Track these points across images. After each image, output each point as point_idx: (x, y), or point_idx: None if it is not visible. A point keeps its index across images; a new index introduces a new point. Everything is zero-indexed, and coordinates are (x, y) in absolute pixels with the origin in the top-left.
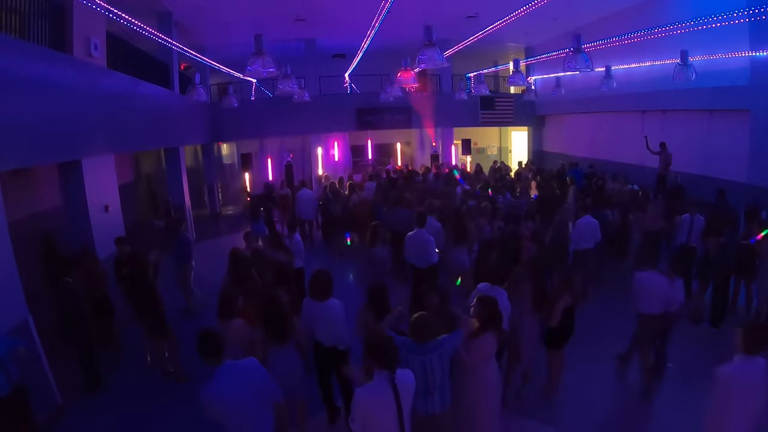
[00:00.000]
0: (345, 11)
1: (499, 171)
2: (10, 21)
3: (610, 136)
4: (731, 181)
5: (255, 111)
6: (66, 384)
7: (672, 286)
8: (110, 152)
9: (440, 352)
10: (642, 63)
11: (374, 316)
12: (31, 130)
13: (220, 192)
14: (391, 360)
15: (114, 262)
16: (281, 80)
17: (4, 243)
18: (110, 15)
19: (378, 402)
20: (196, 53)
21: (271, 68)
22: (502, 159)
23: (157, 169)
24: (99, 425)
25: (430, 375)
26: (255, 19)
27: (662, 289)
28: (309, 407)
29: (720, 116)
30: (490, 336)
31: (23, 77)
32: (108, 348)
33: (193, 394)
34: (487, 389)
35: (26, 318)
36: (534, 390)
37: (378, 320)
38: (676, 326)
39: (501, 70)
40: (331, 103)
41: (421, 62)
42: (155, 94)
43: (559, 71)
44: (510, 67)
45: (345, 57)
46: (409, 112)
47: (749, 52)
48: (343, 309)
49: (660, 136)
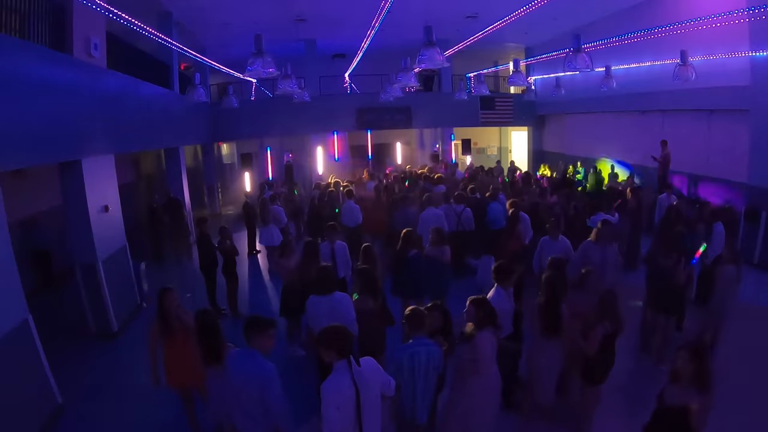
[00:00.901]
0: (345, 11)
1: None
2: (10, 21)
3: (610, 136)
4: (731, 181)
5: (255, 111)
6: (66, 384)
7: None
8: (110, 152)
9: (428, 350)
10: (642, 63)
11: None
12: (31, 130)
13: (220, 192)
14: (344, 348)
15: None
16: (281, 80)
17: (4, 243)
18: (110, 15)
19: (339, 392)
20: (196, 53)
21: (271, 68)
22: (502, 159)
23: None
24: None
25: (417, 365)
26: (255, 19)
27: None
28: (304, 411)
29: (720, 116)
30: (488, 333)
31: (23, 77)
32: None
33: None
34: (487, 393)
35: (26, 318)
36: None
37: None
38: None
39: (501, 70)
40: (331, 103)
41: (421, 62)
42: (155, 94)
43: (559, 71)
44: (510, 67)
45: (345, 57)
46: (409, 112)
47: (749, 52)
48: (351, 303)
49: (660, 136)
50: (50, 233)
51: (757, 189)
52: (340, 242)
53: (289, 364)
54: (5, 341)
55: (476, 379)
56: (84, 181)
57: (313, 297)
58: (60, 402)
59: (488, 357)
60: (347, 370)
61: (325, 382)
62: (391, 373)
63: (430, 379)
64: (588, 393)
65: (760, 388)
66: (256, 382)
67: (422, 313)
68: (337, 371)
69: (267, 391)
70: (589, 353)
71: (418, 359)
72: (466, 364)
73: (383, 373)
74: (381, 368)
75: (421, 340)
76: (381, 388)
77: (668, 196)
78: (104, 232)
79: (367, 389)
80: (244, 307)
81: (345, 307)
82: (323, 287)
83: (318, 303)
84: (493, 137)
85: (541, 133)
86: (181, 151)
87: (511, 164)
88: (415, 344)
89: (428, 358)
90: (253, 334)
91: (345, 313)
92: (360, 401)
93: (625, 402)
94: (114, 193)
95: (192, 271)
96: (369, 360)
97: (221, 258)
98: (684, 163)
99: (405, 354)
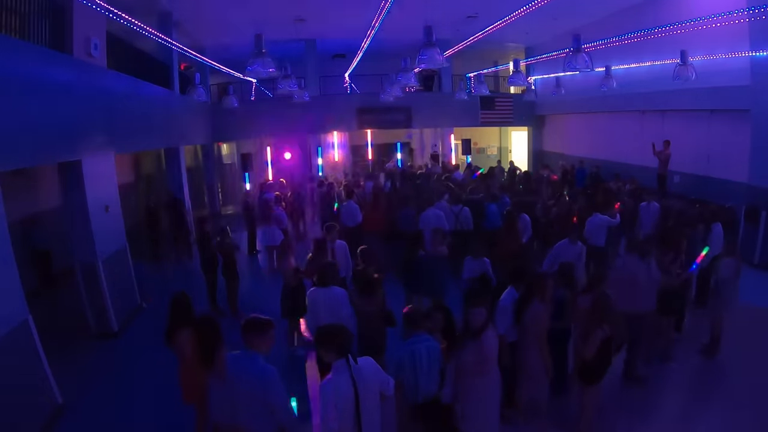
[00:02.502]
0: (345, 11)
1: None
2: (10, 21)
3: (610, 136)
4: (731, 181)
5: (255, 111)
6: (66, 384)
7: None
8: (110, 152)
9: (428, 345)
10: (642, 63)
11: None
12: (31, 130)
13: (220, 192)
14: (342, 348)
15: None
16: (281, 80)
17: (4, 243)
18: (110, 15)
19: (338, 391)
20: (196, 53)
21: (271, 68)
22: (502, 159)
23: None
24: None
25: (418, 362)
26: (255, 19)
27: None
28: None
29: (720, 116)
30: (491, 333)
31: (23, 77)
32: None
33: None
34: (488, 393)
35: (26, 318)
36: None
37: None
38: None
39: (501, 70)
40: (331, 103)
41: (421, 62)
42: (155, 94)
43: (559, 71)
44: (510, 67)
45: (345, 57)
46: (409, 112)
47: (749, 52)
48: (346, 297)
49: (660, 136)
50: (50, 233)
51: (757, 189)
52: (340, 242)
53: (290, 364)
54: (5, 341)
55: (479, 379)
56: (84, 181)
57: (313, 289)
58: (60, 402)
59: (493, 357)
60: (346, 369)
61: (324, 381)
62: (392, 372)
63: (433, 374)
64: (587, 393)
65: (760, 388)
66: (259, 385)
67: (419, 312)
68: (335, 370)
69: (270, 394)
70: (587, 357)
71: (419, 356)
72: (470, 366)
73: (382, 373)
74: (380, 368)
75: (420, 336)
76: (380, 388)
77: (648, 204)
78: (104, 232)
79: (366, 389)
80: (244, 306)
81: (340, 302)
82: (322, 280)
83: (317, 295)
84: (493, 137)
85: (541, 133)
86: (181, 151)
87: (511, 164)
88: (414, 341)
89: (428, 353)
90: (252, 336)
91: (340, 308)
92: (359, 401)
93: (625, 402)
94: (114, 193)
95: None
96: (368, 360)
97: (222, 258)
98: (684, 163)
99: (405, 352)
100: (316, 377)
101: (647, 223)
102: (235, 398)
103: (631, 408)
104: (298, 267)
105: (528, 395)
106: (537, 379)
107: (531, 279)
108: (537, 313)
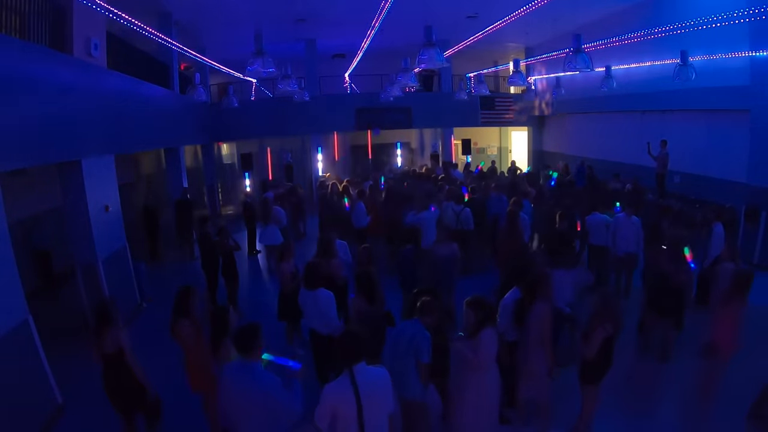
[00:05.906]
0: (345, 11)
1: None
2: (10, 21)
3: (610, 136)
4: (731, 181)
5: (255, 111)
6: (66, 384)
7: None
8: (110, 152)
9: (414, 332)
10: (642, 63)
11: (366, 303)
12: (31, 130)
13: (220, 192)
14: (351, 356)
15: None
16: (281, 80)
17: (4, 243)
18: (110, 15)
19: (342, 399)
20: (196, 53)
21: (271, 68)
22: (502, 159)
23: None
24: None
25: (395, 350)
26: (255, 19)
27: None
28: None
29: (720, 116)
30: (490, 331)
31: (23, 77)
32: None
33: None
34: (485, 391)
35: (26, 318)
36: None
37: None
38: None
39: (501, 70)
40: (331, 103)
41: (421, 62)
42: (155, 94)
43: (559, 71)
44: (510, 67)
45: (345, 57)
46: (409, 112)
47: (749, 52)
48: (332, 300)
49: (660, 136)
50: (50, 233)
51: (757, 189)
52: (340, 241)
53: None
54: (5, 341)
55: (474, 376)
56: (84, 181)
57: (302, 290)
58: (60, 402)
59: (491, 355)
60: (349, 377)
61: (329, 383)
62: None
63: (407, 361)
64: (586, 392)
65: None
66: (259, 394)
67: (418, 300)
68: (343, 375)
69: (271, 400)
70: (588, 356)
71: (403, 338)
72: (464, 360)
73: (391, 391)
74: (391, 386)
75: (414, 321)
76: (389, 408)
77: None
78: (104, 232)
79: (369, 398)
80: (244, 306)
81: (324, 304)
82: (308, 282)
83: (305, 296)
84: (493, 137)
85: (541, 133)
86: (181, 151)
87: (512, 164)
88: (407, 324)
89: (411, 339)
90: (243, 348)
91: (325, 310)
92: (362, 410)
93: (625, 402)
94: (114, 193)
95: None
96: (383, 373)
97: (222, 258)
98: (684, 163)
99: (397, 331)
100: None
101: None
102: (238, 409)
103: (631, 408)
104: (295, 272)
105: (528, 395)
106: (539, 380)
107: (533, 279)
108: (540, 313)
